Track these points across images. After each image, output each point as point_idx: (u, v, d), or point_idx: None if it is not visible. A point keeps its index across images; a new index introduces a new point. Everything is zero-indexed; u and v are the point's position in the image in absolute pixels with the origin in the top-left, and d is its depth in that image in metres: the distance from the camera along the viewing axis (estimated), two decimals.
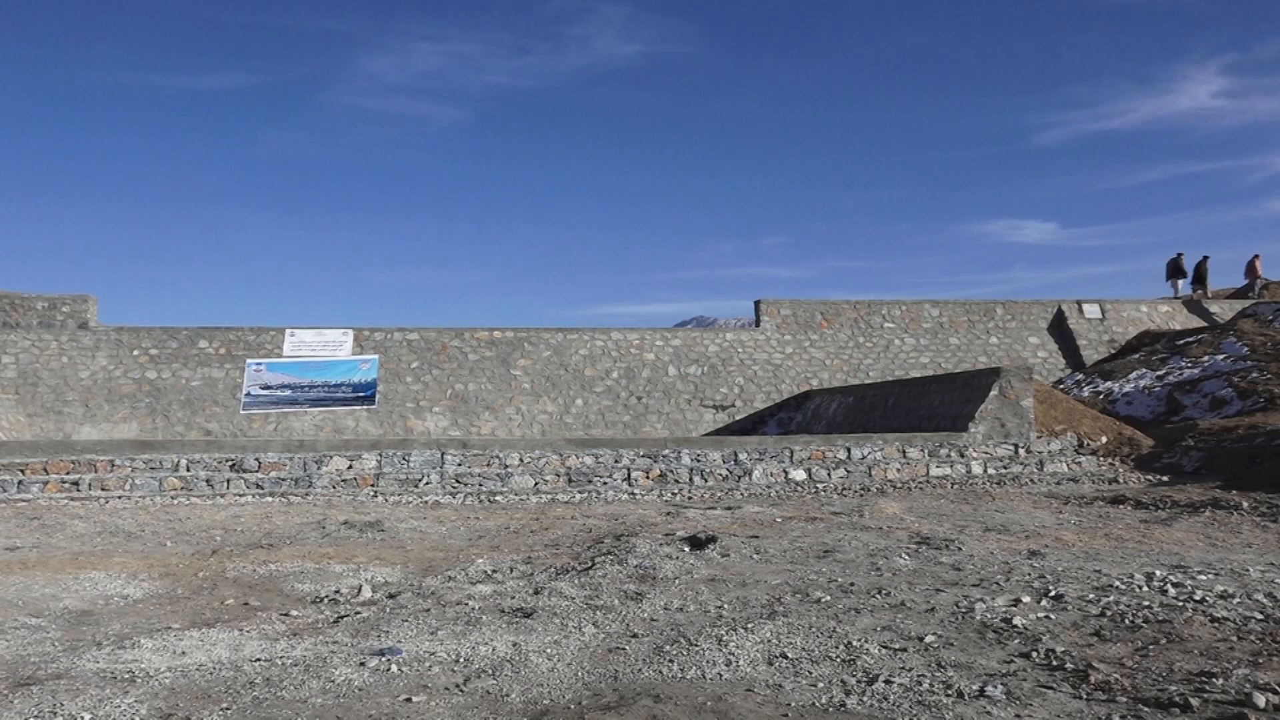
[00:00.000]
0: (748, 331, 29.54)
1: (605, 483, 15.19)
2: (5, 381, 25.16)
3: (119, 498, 13.93)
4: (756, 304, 29.76)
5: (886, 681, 4.99)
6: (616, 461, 15.49)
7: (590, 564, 8.55)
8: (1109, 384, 24.61)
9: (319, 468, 14.72)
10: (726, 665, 5.38)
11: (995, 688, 4.85)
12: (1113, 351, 29.13)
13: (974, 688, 4.87)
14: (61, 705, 4.87)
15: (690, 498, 14.70)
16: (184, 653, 5.94)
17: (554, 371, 27.60)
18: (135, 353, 26.06)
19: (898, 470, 16.04)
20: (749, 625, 6.21)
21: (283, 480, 14.54)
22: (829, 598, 7.07)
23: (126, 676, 5.41)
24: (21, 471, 14.05)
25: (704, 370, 28.24)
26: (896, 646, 5.69)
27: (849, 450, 16.18)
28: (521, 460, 15.27)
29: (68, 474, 14.12)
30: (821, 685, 5.00)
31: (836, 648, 5.69)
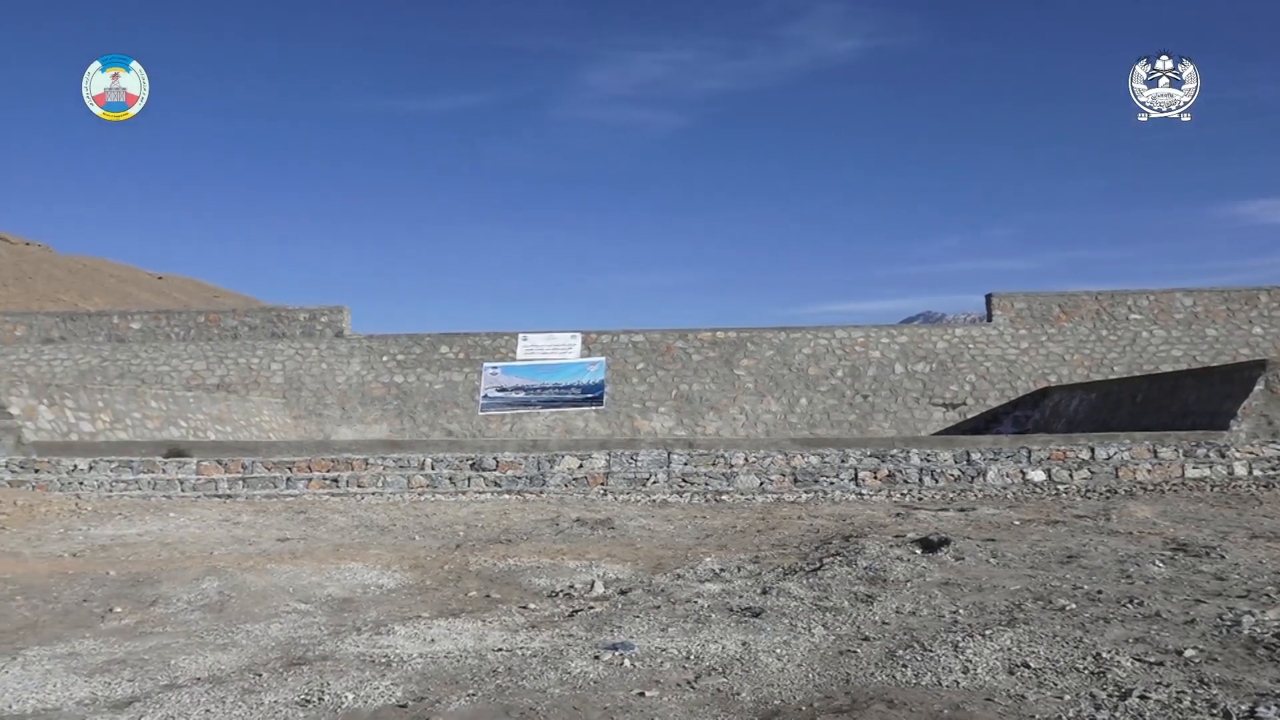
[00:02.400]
0: (979, 327, 28.39)
1: (831, 483, 14.99)
2: (274, 386, 27.54)
3: (372, 494, 14.95)
4: (988, 298, 28.55)
5: (1141, 697, 4.67)
6: (843, 461, 15.25)
7: (818, 565, 8.45)
8: None
9: (551, 467, 15.28)
10: (964, 673, 5.20)
11: (1268, 709, 4.44)
12: None
13: (1243, 708, 4.47)
14: (328, 685, 5.28)
15: (920, 499, 14.28)
16: (433, 640, 6.31)
17: (777, 371, 27.48)
18: (384, 358, 27.90)
19: (1148, 471, 14.98)
20: (987, 632, 5.96)
21: (518, 479, 15.18)
22: (1074, 605, 6.69)
23: (383, 660, 5.80)
24: (289, 469, 15.32)
25: (932, 367, 27.37)
26: (1152, 660, 5.32)
27: (1092, 450, 15.25)
28: (747, 460, 15.29)
29: (328, 472, 15.29)
30: (1068, 698, 4.74)
31: (1084, 659, 5.38)
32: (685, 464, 15.27)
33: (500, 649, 6.00)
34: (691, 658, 5.67)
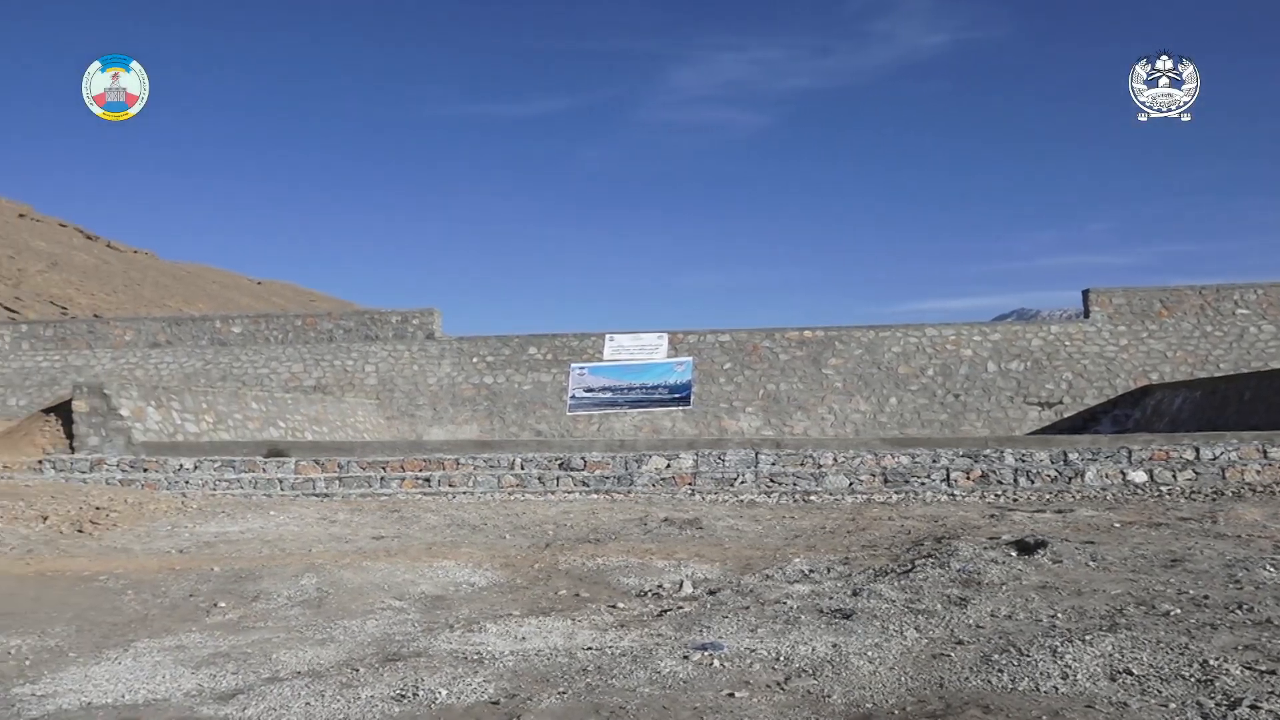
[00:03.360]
0: (1075, 323, 27.62)
1: (923, 483, 14.75)
2: (368, 388, 28.16)
3: (463, 493, 15.19)
4: (1085, 294, 27.75)
5: (1252, 707, 4.50)
6: (934, 461, 14.99)
7: (910, 566, 8.33)
8: None
9: (639, 466, 15.33)
10: (1063, 678, 5.07)
11: None
12: None
13: None
14: (422, 680, 5.39)
15: (1015, 500, 13.96)
16: (524, 638, 6.39)
17: (866, 370, 27.14)
18: (474, 360, 28.32)
19: (1257, 472, 14.40)
20: (1087, 637, 5.80)
21: (606, 478, 15.27)
22: (1179, 611, 6.47)
23: (475, 657, 5.89)
24: (383, 469, 15.66)
25: (1027, 366, 26.73)
26: (1263, 668, 5.11)
27: (1197, 450, 14.72)
28: (835, 460, 15.14)
29: (420, 471, 15.58)
30: (1174, 706, 4.59)
31: (1190, 666, 5.20)
32: (773, 464, 15.18)
33: (590, 648, 6.04)
34: (781, 659, 5.64)
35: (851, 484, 14.82)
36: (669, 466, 15.34)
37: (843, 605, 6.95)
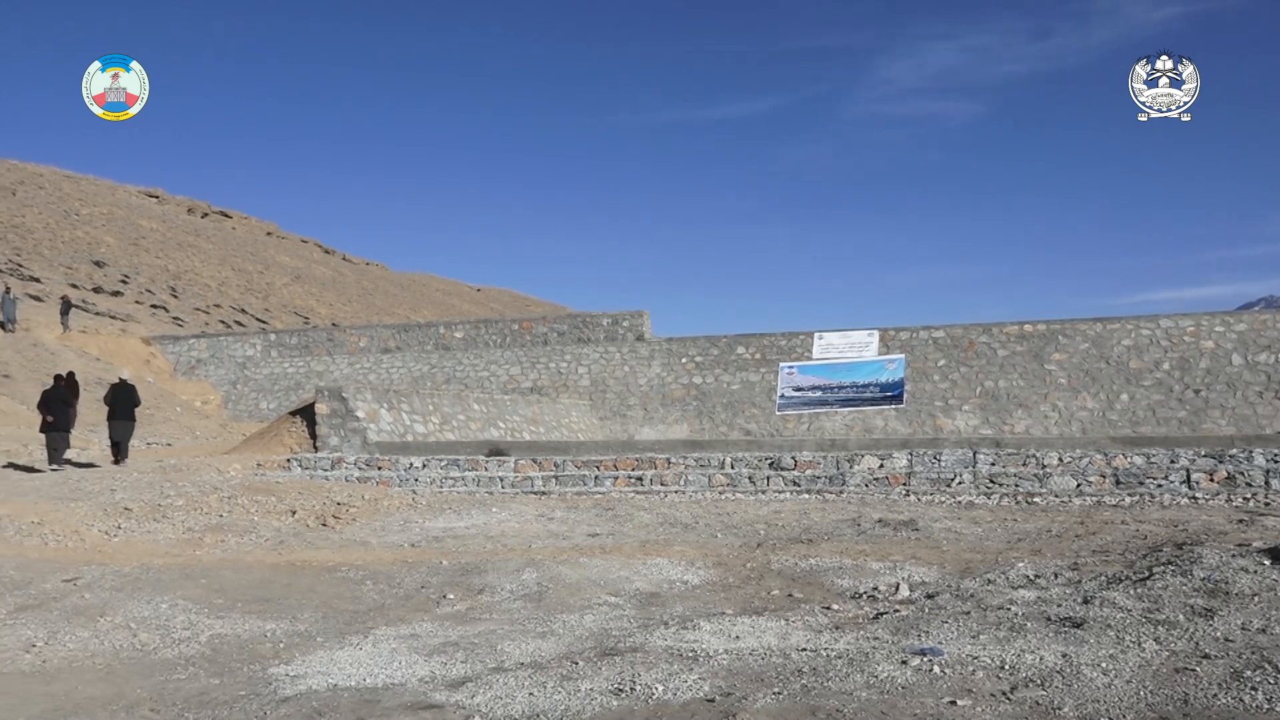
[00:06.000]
0: None
1: (1159, 485, 13.78)
2: (580, 389, 28.98)
3: (675, 492, 15.37)
4: None
5: None
6: (1172, 462, 13.98)
7: (1147, 573, 7.80)
8: None
9: (850, 466, 15.07)
10: None
11: None
12: None
13: None
14: (639, 676, 5.50)
15: (1267, 504, 12.83)
16: (737, 637, 6.41)
17: (1093, 365, 25.65)
18: (683, 360, 28.63)
19: None
20: None
21: (817, 478, 15.09)
22: None
23: (690, 655, 5.96)
24: (597, 468, 16.07)
25: (1278, 357, 24.54)
26: None
27: None
28: (1061, 460, 14.38)
29: (633, 470, 15.89)
30: None
31: None
32: (992, 464, 14.58)
33: (804, 649, 5.99)
34: (1006, 667, 5.41)
35: (1079, 485, 14.03)
36: (882, 466, 15.00)
37: (1072, 613, 6.59)
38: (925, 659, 5.58)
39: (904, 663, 5.55)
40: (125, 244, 54.02)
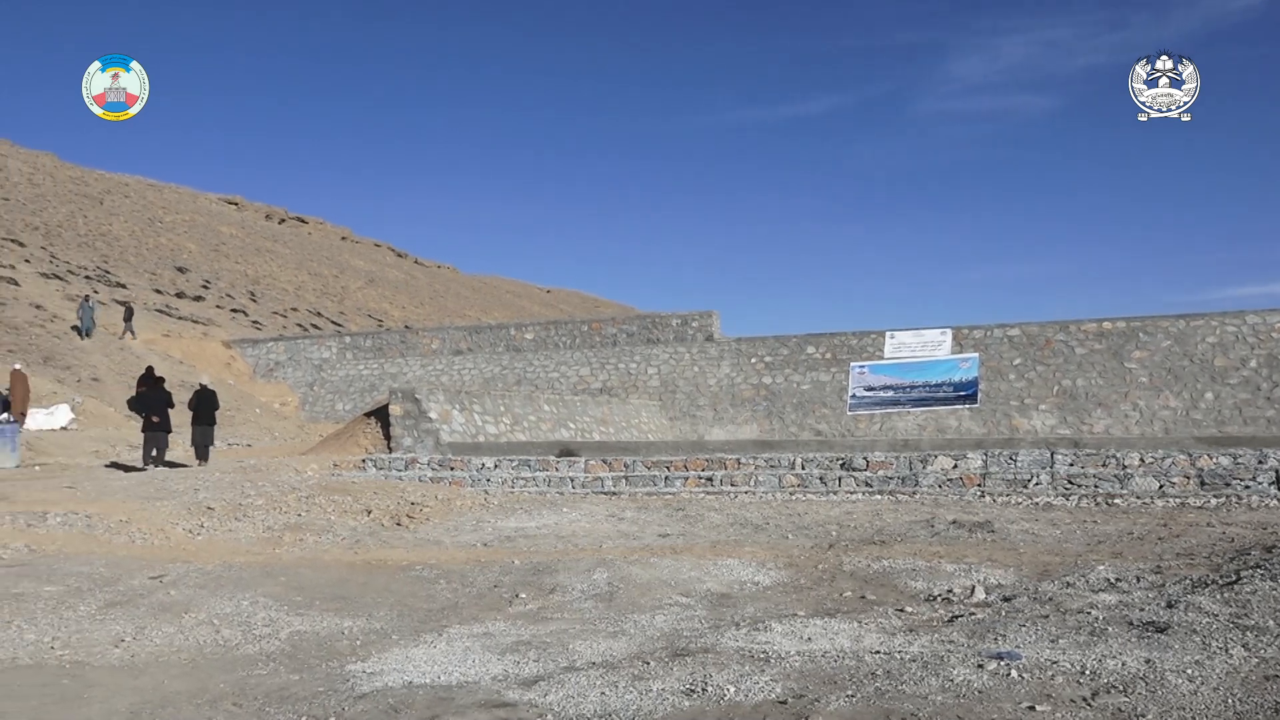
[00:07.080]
0: None
1: (1247, 486, 13.36)
2: (650, 389, 29.02)
3: (745, 492, 15.31)
4: None
5: None
6: (1261, 463, 13.53)
7: (1234, 577, 7.56)
8: None
9: (924, 467, 14.86)
10: None
11: None
12: None
13: None
14: (710, 676, 5.49)
15: None
16: (809, 639, 6.36)
17: (1176, 363, 24.95)
18: (752, 360, 28.51)
19: None
20: None
21: (889, 479, 14.91)
22: None
23: (761, 656, 5.93)
24: (667, 468, 16.08)
25: None
26: None
27: None
28: (1142, 460, 14.01)
29: (703, 471, 15.87)
30: None
31: None
32: (1070, 464, 14.27)
33: (878, 651, 5.93)
34: (1087, 672, 5.29)
35: (1162, 486, 13.66)
36: (956, 467, 14.76)
37: (1156, 617, 6.42)
38: (1002, 663, 5.48)
39: (980, 666, 5.46)
40: (206, 250, 55.55)
